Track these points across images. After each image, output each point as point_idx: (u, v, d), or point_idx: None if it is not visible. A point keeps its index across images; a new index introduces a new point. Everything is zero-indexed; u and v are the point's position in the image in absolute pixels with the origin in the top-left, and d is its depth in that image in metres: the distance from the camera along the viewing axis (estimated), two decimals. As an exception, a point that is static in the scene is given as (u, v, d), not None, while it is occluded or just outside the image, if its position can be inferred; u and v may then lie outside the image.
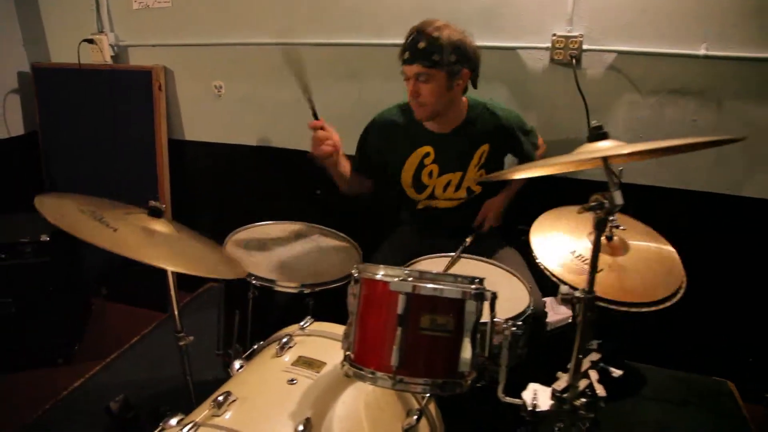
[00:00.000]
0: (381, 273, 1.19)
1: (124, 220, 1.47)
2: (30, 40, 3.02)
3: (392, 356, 1.12)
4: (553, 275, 1.51)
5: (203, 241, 1.68)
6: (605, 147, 1.08)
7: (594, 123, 1.11)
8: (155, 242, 1.46)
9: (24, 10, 2.96)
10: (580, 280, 1.42)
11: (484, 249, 2.00)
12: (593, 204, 1.02)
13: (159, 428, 1.20)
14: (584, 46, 2.13)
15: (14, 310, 2.43)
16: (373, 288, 1.20)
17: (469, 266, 1.86)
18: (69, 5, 2.89)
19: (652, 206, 2.22)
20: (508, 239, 2.12)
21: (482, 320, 1.20)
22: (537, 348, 1.45)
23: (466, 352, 1.16)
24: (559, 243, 1.59)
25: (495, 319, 1.23)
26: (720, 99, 2.07)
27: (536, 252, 1.55)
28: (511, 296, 1.67)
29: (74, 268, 2.69)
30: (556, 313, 2.09)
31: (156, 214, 1.51)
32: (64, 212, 1.41)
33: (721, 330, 2.29)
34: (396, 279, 1.15)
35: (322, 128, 1.84)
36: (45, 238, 2.41)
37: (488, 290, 1.22)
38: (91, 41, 2.81)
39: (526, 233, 1.92)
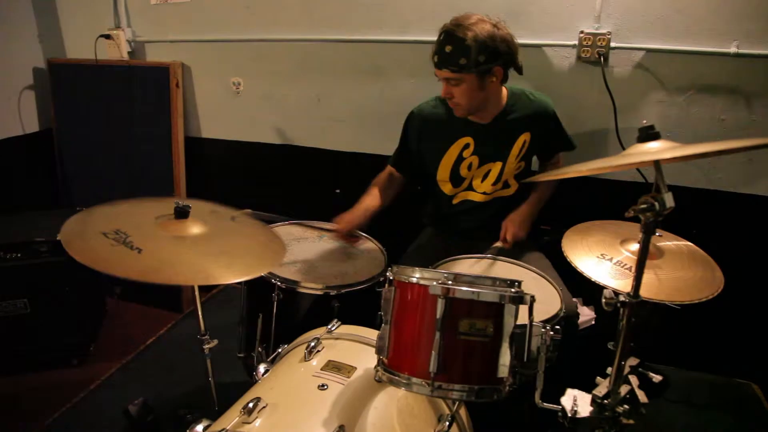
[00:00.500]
0: (417, 275, 1.16)
1: (150, 232, 1.43)
2: (46, 35, 2.99)
3: (430, 362, 1.09)
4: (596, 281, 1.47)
5: (239, 220, 1.64)
6: (656, 148, 1.03)
7: (645, 123, 1.06)
8: (186, 252, 1.41)
9: (40, 4, 2.93)
10: (625, 284, 1.39)
11: (510, 251, 1.95)
12: (643, 206, 0.98)
13: (189, 432, 1.17)
14: (612, 44, 2.08)
15: (29, 310, 2.40)
16: (409, 291, 1.17)
17: (497, 269, 1.82)
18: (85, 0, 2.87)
19: (681, 207, 2.21)
20: (533, 240, 2.08)
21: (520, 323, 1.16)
22: (569, 351, 1.42)
23: (505, 357, 1.13)
24: (594, 255, 1.55)
25: (534, 323, 1.19)
26: (749, 98, 2.02)
27: (575, 263, 1.51)
28: (542, 299, 1.62)
29: (89, 268, 2.66)
30: (582, 314, 2.06)
31: (183, 215, 1.47)
32: (89, 242, 1.36)
33: (744, 331, 2.25)
34: (435, 282, 1.11)
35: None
36: (60, 237, 2.38)
37: (527, 293, 1.18)
38: (108, 36, 2.79)
39: (549, 233, 1.89)
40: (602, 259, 1.55)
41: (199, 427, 1.17)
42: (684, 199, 2.12)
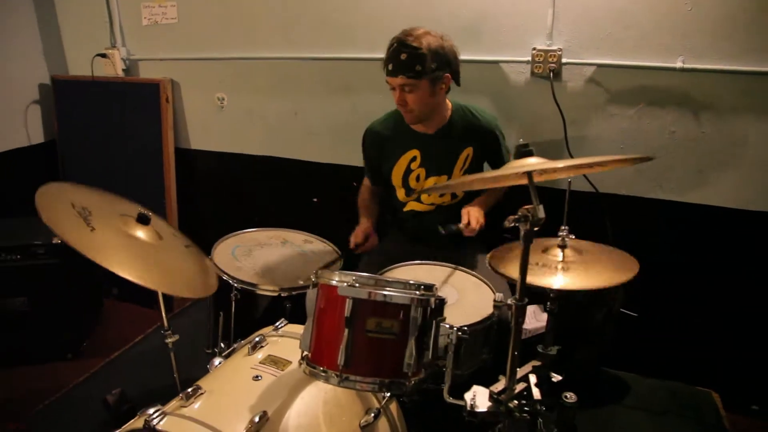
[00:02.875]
0: (335, 279, 1.29)
1: (111, 221, 1.58)
2: (50, 53, 3.20)
3: (339, 356, 1.22)
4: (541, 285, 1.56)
5: (189, 251, 1.78)
6: (530, 163, 1.15)
7: (521, 141, 1.18)
8: (130, 249, 1.56)
9: (45, 26, 3.15)
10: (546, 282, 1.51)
11: (466, 257, 2.07)
12: (518, 216, 1.10)
13: (136, 416, 1.32)
14: (563, 60, 2.19)
15: (28, 308, 2.59)
16: (327, 292, 1.29)
17: (442, 273, 1.93)
18: (85, 21, 3.07)
19: (633, 216, 2.30)
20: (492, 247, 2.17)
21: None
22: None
23: (411, 353, 1.24)
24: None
25: (441, 324, 1.31)
26: (697, 111, 2.11)
27: (512, 275, 1.59)
28: (477, 303, 1.74)
29: (86, 270, 2.84)
30: (538, 320, 2.15)
31: (143, 221, 1.63)
32: (56, 206, 1.52)
33: (705, 338, 2.30)
34: (344, 284, 1.24)
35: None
36: (57, 240, 2.56)
37: (435, 296, 1.30)
38: (104, 55, 2.98)
39: (510, 242, 1.98)
40: (537, 267, 1.63)
41: (151, 410, 1.31)
42: (638, 207, 2.24)
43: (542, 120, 2.29)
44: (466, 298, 1.77)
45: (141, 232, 1.62)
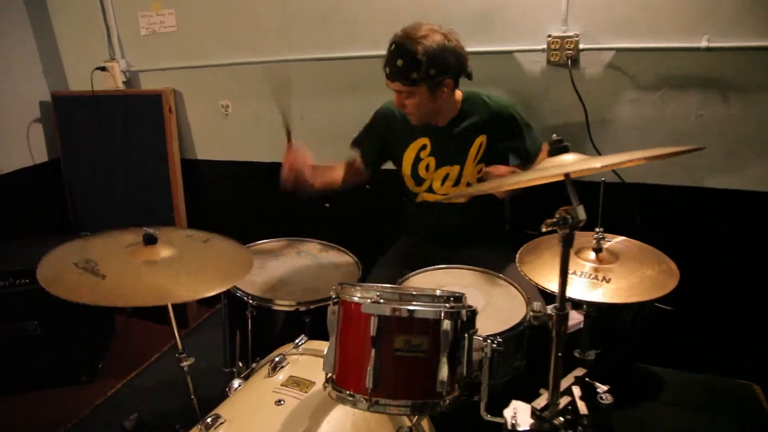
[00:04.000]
0: (357, 295, 1.20)
1: (119, 260, 1.52)
2: (49, 70, 3.15)
3: (366, 378, 1.13)
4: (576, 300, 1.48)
5: (209, 244, 1.72)
6: (567, 161, 1.06)
7: (555, 137, 1.08)
8: (151, 276, 1.49)
9: (42, 42, 3.09)
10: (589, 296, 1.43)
11: (491, 258, 1.97)
12: (557, 219, 1.00)
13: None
14: (581, 46, 2.09)
15: (39, 332, 2.53)
16: (349, 309, 1.21)
17: (468, 276, 1.85)
18: (82, 35, 3.01)
19: (662, 205, 2.20)
20: (516, 247, 2.08)
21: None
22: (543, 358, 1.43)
23: (444, 371, 1.15)
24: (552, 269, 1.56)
25: (474, 336, 1.23)
26: (725, 92, 2.01)
27: (546, 286, 1.52)
28: (506, 307, 1.65)
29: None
30: (572, 317, 2.06)
31: (151, 241, 1.55)
32: (60, 273, 1.46)
33: (745, 330, 2.21)
34: (368, 300, 1.15)
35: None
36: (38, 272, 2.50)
37: (466, 307, 1.21)
38: (103, 69, 2.91)
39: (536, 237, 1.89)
40: (570, 275, 1.53)
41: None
42: (667, 196, 2.14)
43: (561, 109, 2.20)
44: (495, 303, 1.68)
45: (154, 253, 1.54)
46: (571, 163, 1.05)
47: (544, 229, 1.01)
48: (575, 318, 2.03)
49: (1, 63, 2.88)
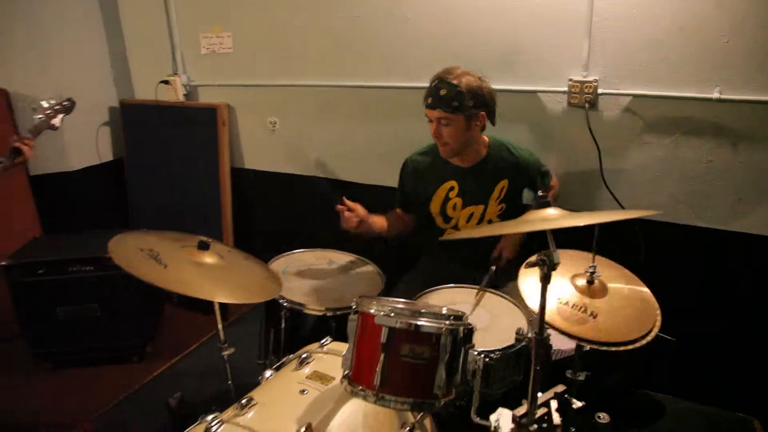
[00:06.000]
0: (373, 307, 1.42)
1: (177, 255, 1.78)
2: (119, 80, 3.50)
3: (375, 377, 1.35)
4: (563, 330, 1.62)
5: (250, 262, 1.97)
6: (548, 215, 1.26)
7: (540, 193, 1.29)
8: (202, 275, 1.76)
9: (115, 56, 3.45)
10: (575, 329, 1.58)
11: (502, 279, 2.15)
12: (537, 261, 1.21)
13: (197, 422, 1.50)
14: (599, 90, 2.26)
15: (99, 314, 2.85)
16: (366, 319, 1.43)
17: (485, 300, 2.00)
18: (150, 50, 3.35)
19: (668, 242, 2.34)
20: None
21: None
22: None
23: (441, 377, 1.36)
24: (555, 298, 1.69)
25: (470, 351, 1.43)
26: (735, 141, 2.14)
27: (529, 301, 1.67)
28: (509, 327, 1.83)
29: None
30: (567, 344, 2.22)
31: (204, 248, 1.81)
32: (128, 253, 1.72)
33: (747, 363, 2.31)
34: (381, 313, 1.38)
35: (348, 209, 2.09)
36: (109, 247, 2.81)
37: (465, 325, 1.42)
38: (167, 82, 3.23)
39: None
40: (560, 304, 1.67)
41: (209, 417, 1.49)
42: (673, 234, 2.28)
43: (578, 149, 2.37)
44: (499, 322, 1.87)
45: (205, 258, 1.80)
46: (553, 218, 1.25)
47: (525, 267, 1.22)
48: (569, 344, 2.20)
49: (79, 72, 3.23)
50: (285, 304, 2.00)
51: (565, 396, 1.44)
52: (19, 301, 2.84)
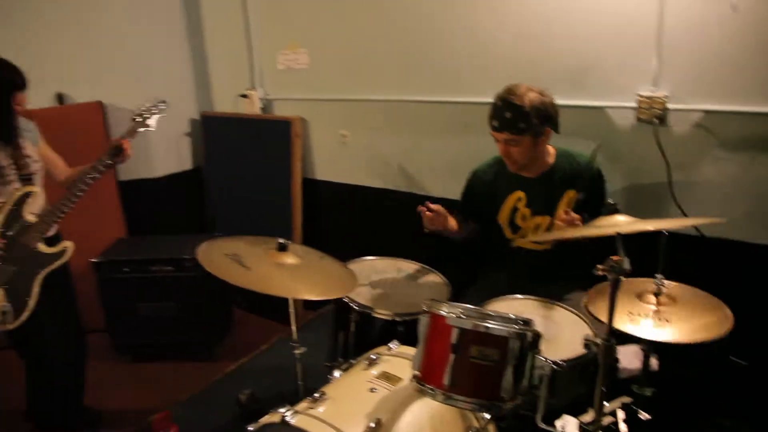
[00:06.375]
0: (443, 309, 1.49)
1: (258, 257, 1.91)
2: (200, 93, 3.75)
3: (445, 376, 1.41)
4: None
5: (324, 261, 2.08)
6: (619, 221, 1.29)
7: (610, 201, 1.32)
8: (281, 274, 1.87)
9: (197, 71, 3.71)
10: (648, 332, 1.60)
11: (568, 293, 2.18)
12: (606, 268, 1.24)
13: (269, 413, 1.59)
14: (669, 106, 2.23)
15: (176, 313, 3.04)
16: (437, 321, 1.49)
17: (544, 308, 2.04)
18: (230, 66, 3.57)
19: (742, 262, 2.28)
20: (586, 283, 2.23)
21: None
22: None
23: (508, 380, 1.41)
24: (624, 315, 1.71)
25: (537, 356, 1.47)
26: (813, 157, 2.08)
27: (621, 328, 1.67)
28: (574, 339, 1.83)
29: (222, 282, 3.24)
30: (640, 361, 2.19)
31: (282, 249, 1.93)
32: (215, 259, 1.89)
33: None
34: (453, 315, 1.44)
35: (429, 210, 2.14)
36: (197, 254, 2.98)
37: (533, 331, 1.46)
38: (244, 96, 3.42)
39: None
40: (634, 315, 1.70)
41: (282, 409, 1.58)
42: (747, 254, 2.22)
43: (648, 164, 2.34)
44: (564, 334, 1.89)
45: (284, 258, 1.92)
46: (623, 223, 1.28)
47: (597, 273, 1.26)
48: (635, 363, 2.18)
49: (165, 86, 3.47)
50: (355, 308, 2.08)
51: (632, 407, 1.46)
52: (105, 296, 3.07)
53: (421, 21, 2.77)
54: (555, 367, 1.49)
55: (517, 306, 2.06)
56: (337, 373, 1.83)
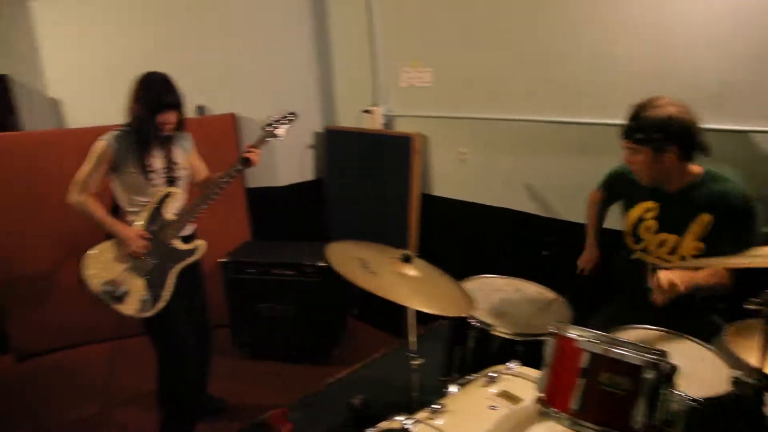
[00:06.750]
0: (573, 332, 1.46)
1: (384, 265, 1.97)
2: (325, 108, 3.94)
3: (572, 400, 1.39)
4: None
5: (443, 278, 2.10)
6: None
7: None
8: (404, 284, 1.91)
9: (323, 88, 3.91)
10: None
11: (699, 327, 2.01)
12: (762, 301, 1.17)
13: (388, 419, 1.63)
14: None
15: (294, 315, 3.19)
16: (565, 343, 1.47)
17: (672, 340, 1.94)
18: (354, 83, 3.73)
19: None
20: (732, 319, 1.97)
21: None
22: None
23: (641, 412, 1.35)
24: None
25: (674, 391, 1.40)
26: None
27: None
28: (709, 377, 1.72)
29: (338, 290, 3.39)
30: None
31: (407, 260, 1.99)
32: (343, 260, 1.95)
33: None
34: (584, 339, 1.41)
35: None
36: (322, 263, 3.13)
37: (668, 363, 1.39)
38: (368, 111, 3.56)
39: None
40: None
41: (399, 417, 1.63)
42: None
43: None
44: (697, 371, 1.78)
45: (407, 270, 1.97)
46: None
47: (747, 307, 1.18)
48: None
49: (293, 100, 3.64)
50: (475, 324, 2.09)
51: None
52: (230, 295, 3.29)
53: (545, 43, 2.75)
54: (693, 404, 1.42)
55: (644, 336, 1.97)
56: (453, 388, 1.85)
